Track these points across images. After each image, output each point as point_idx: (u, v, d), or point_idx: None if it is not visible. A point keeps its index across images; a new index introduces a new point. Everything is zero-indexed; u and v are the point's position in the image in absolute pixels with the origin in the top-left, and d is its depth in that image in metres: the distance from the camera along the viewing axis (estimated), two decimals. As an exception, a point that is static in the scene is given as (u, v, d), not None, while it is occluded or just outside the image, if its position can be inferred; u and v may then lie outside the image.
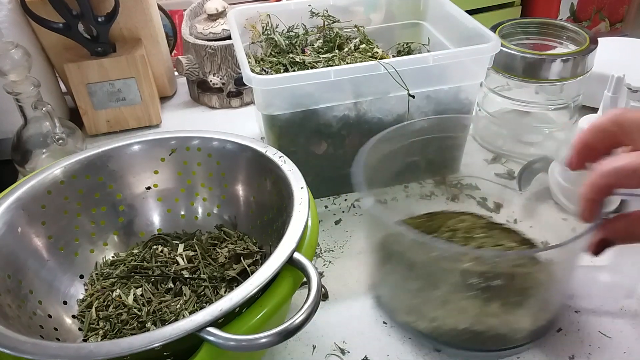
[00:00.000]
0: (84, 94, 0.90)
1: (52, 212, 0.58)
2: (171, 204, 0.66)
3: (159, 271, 0.59)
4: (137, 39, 0.94)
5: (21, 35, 0.87)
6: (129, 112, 0.94)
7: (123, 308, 0.56)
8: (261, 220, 0.62)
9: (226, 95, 1.01)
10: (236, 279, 0.58)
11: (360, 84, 0.69)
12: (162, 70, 1.01)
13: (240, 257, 0.60)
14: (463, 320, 0.53)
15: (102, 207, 0.63)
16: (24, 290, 0.53)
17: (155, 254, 0.62)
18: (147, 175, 0.65)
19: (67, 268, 0.59)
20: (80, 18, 0.86)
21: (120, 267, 0.61)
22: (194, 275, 0.59)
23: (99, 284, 0.59)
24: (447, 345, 0.56)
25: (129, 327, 0.54)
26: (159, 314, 0.55)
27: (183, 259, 0.61)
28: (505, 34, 0.84)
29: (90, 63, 0.87)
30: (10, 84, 0.75)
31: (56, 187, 0.59)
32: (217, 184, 0.65)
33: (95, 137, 0.95)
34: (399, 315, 0.59)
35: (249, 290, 0.42)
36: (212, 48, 0.96)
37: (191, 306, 0.55)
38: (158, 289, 0.58)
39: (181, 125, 0.98)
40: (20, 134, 0.80)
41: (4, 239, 0.53)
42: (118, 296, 0.57)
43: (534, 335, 0.55)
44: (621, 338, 0.57)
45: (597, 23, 2.32)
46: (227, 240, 0.63)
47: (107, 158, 0.63)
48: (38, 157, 0.82)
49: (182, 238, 0.65)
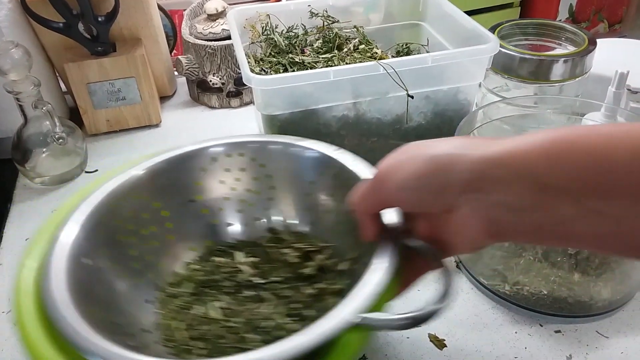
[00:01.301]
0: (84, 94, 0.90)
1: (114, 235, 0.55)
2: (216, 214, 0.63)
3: (231, 282, 0.58)
4: (137, 39, 0.94)
5: (21, 34, 0.87)
6: (129, 111, 0.94)
7: (209, 324, 0.53)
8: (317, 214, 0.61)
9: (226, 95, 1.02)
10: (316, 275, 0.57)
11: (360, 84, 0.69)
12: (162, 70, 1.01)
13: (308, 254, 0.59)
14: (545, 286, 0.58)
15: (152, 227, 0.59)
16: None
17: (217, 266, 0.60)
18: (190, 188, 0.62)
19: (137, 294, 0.55)
20: (81, 17, 0.86)
21: (185, 285, 0.58)
22: (265, 280, 0.58)
23: (171, 305, 0.56)
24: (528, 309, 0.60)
25: (226, 340, 0.52)
26: (252, 322, 0.53)
27: (248, 266, 0.59)
28: (504, 34, 0.84)
29: (90, 62, 0.88)
30: (10, 83, 0.76)
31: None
32: (264, 188, 0.63)
33: (95, 137, 0.95)
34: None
35: (384, 276, 0.43)
36: (211, 48, 0.96)
37: (280, 309, 0.54)
38: (236, 299, 0.56)
39: (181, 125, 0.98)
40: (21, 133, 0.80)
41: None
42: (202, 313, 0.54)
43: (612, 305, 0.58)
44: (619, 338, 0.57)
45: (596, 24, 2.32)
46: (286, 242, 0.61)
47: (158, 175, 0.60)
48: (38, 156, 0.82)
49: (237, 246, 0.63)
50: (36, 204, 0.80)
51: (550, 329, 0.58)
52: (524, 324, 0.59)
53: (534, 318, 0.59)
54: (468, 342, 0.57)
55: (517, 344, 0.57)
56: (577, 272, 0.57)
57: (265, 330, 0.51)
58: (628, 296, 0.60)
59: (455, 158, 0.39)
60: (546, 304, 0.59)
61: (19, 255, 0.70)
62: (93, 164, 0.88)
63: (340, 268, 0.56)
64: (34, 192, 0.83)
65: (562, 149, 0.35)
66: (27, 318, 0.43)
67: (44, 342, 0.41)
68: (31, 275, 0.47)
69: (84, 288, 0.47)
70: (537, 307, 0.59)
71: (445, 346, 0.56)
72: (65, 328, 0.41)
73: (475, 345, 0.57)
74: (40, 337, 0.41)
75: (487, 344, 0.57)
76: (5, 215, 0.79)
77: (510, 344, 0.57)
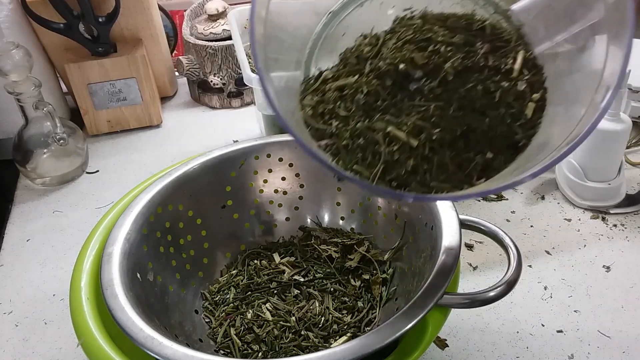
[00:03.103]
0: (85, 94, 0.90)
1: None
2: (247, 218, 0.64)
3: (275, 283, 0.59)
4: (138, 39, 0.94)
5: (22, 35, 0.87)
6: (130, 112, 0.94)
7: (262, 327, 0.54)
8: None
9: (227, 95, 1.02)
10: (360, 268, 0.59)
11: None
12: (162, 71, 1.01)
13: (347, 248, 0.60)
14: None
15: (188, 236, 0.59)
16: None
17: (257, 269, 0.60)
18: (220, 194, 0.62)
19: (185, 304, 0.56)
20: (81, 18, 0.86)
21: (228, 291, 0.59)
22: (307, 278, 0.59)
23: (219, 312, 0.57)
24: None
25: (285, 340, 0.53)
26: (306, 320, 0.54)
27: (287, 266, 0.60)
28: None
29: (91, 63, 0.88)
30: (11, 84, 0.76)
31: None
32: (293, 187, 0.64)
33: (96, 137, 0.95)
34: None
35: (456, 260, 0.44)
36: (212, 48, 0.96)
37: (329, 304, 0.56)
38: (284, 299, 0.57)
39: (182, 125, 0.98)
40: (21, 134, 0.80)
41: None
42: (254, 316, 0.55)
43: None
44: (620, 337, 0.57)
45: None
46: (319, 238, 0.62)
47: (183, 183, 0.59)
48: (39, 157, 0.82)
49: (271, 248, 0.64)
50: (37, 205, 0.80)
51: (552, 328, 0.58)
52: (526, 324, 0.59)
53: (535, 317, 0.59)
54: (470, 342, 0.57)
55: (518, 344, 0.57)
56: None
57: (322, 325, 0.53)
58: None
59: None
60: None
61: (19, 256, 0.71)
62: (94, 164, 0.88)
63: (384, 258, 0.58)
64: (35, 192, 0.83)
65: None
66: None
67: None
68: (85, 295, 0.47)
69: (142, 303, 0.47)
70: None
71: (447, 346, 0.56)
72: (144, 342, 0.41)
73: (477, 345, 0.57)
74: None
75: (488, 343, 0.57)
76: (7, 216, 0.79)
77: (511, 344, 0.57)
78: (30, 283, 0.67)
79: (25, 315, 0.63)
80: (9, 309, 0.64)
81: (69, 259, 0.70)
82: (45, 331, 0.61)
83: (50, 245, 0.73)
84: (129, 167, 0.88)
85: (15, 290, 0.66)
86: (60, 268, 0.69)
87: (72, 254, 0.70)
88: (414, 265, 0.52)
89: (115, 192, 0.81)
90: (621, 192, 0.72)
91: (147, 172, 0.54)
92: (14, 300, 0.65)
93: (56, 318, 0.63)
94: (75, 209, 0.80)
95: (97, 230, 0.53)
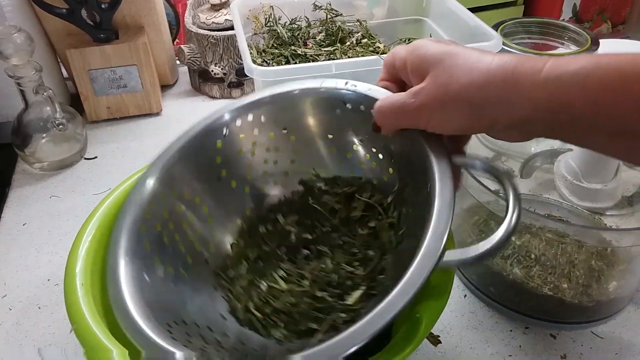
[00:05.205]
0: (86, 80, 0.90)
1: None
2: (245, 184, 0.61)
3: (285, 247, 0.57)
4: (140, 27, 0.94)
5: (24, 19, 0.87)
6: (130, 99, 0.94)
7: (280, 297, 0.53)
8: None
9: (227, 85, 1.01)
10: (365, 216, 0.56)
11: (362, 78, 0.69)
12: (164, 59, 1.01)
13: (349, 197, 0.58)
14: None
15: (191, 217, 0.57)
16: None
17: (264, 236, 0.58)
18: (212, 167, 0.60)
19: (201, 284, 0.55)
20: (84, 4, 0.86)
21: (240, 264, 0.57)
22: (314, 234, 0.57)
23: (236, 287, 0.55)
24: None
25: (302, 307, 0.51)
26: (320, 279, 0.52)
27: (292, 226, 0.58)
28: (507, 32, 0.84)
29: (92, 49, 0.87)
30: (12, 67, 0.75)
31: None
32: (284, 143, 0.61)
33: (96, 123, 0.95)
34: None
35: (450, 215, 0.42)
36: (214, 38, 0.96)
37: (340, 258, 0.54)
38: (296, 263, 0.55)
39: (181, 114, 0.98)
40: (21, 118, 0.80)
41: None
42: (268, 288, 0.53)
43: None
44: (613, 339, 0.57)
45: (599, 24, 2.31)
46: (321, 190, 0.60)
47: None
48: (38, 142, 0.82)
49: (274, 210, 0.61)
50: (35, 189, 0.80)
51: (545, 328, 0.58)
52: (520, 323, 0.59)
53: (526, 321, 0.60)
54: (463, 339, 0.57)
55: (511, 342, 0.57)
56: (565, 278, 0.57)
57: (336, 283, 0.52)
58: (620, 304, 0.60)
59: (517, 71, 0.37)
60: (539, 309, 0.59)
61: (16, 239, 0.71)
62: (93, 150, 0.88)
63: (387, 202, 0.55)
64: (32, 177, 0.83)
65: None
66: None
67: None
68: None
69: (154, 301, 0.46)
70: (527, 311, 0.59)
71: (440, 342, 0.56)
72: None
73: (469, 342, 0.57)
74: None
75: (481, 341, 0.57)
76: (4, 199, 0.79)
77: (504, 342, 0.57)
78: (25, 267, 0.67)
79: (19, 299, 0.63)
80: (3, 293, 0.64)
81: (64, 244, 0.70)
82: (38, 316, 0.61)
83: (47, 230, 0.73)
84: (127, 154, 0.88)
85: (10, 274, 0.67)
86: (56, 253, 0.69)
87: (67, 240, 0.70)
88: (416, 206, 0.50)
89: (112, 178, 0.81)
90: (617, 193, 0.72)
91: (145, 159, 0.53)
92: (9, 284, 0.65)
93: (50, 303, 0.63)
94: (72, 194, 0.79)
95: (94, 216, 0.53)
